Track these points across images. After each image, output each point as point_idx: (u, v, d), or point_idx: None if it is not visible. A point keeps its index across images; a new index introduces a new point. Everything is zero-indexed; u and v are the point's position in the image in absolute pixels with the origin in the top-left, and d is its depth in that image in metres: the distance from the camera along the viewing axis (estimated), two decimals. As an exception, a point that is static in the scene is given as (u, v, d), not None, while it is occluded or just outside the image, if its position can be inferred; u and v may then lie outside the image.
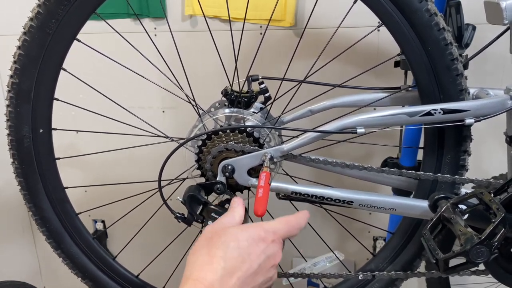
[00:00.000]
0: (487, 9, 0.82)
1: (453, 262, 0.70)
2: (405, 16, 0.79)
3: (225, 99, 0.94)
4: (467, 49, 1.08)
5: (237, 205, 0.73)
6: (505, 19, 0.78)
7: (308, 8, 1.35)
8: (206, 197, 0.86)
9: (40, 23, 0.84)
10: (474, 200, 0.73)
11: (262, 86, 0.94)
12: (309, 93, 0.98)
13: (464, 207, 0.74)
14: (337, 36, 0.98)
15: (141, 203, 1.02)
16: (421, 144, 1.00)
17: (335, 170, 0.90)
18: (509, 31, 0.85)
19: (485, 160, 1.39)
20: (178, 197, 0.85)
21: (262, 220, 0.73)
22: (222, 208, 0.85)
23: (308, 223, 1.12)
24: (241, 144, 0.88)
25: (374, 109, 0.86)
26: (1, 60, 1.03)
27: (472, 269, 0.82)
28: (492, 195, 0.71)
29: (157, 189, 0.88)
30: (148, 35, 1.04)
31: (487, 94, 0.87)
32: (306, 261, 1.12)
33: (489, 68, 1.30)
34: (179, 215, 0.85)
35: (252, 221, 0.77)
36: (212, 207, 0.84)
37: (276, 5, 1.28)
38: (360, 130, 0.80)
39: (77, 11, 0.84)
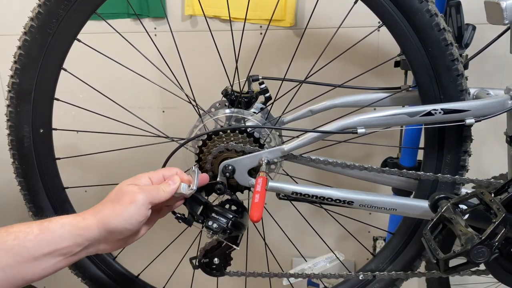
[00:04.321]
0: (487, 9, 0.82)
1: (453, 262, 0.70)
2: (405, 17, 0.79)
3: (225, 99, 0.94)
4: (467, 49, 1.08)
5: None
6: (505, 19, 0.78)
7: (308, 8, 1.35)
8: (206, 197, 0.86)
9: (41, 23, 0.84)
10: (474, 200, 0.73)
11: (263, 86, 0.94)
12: (310, 93, 0.98)
13: (464, 207, 0.74)
14: (338, 36, 0.98)
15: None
16: (421, 144, 1.00)
17: (335, 170, 0.90)
18: (509, 31, 0.85)
19: (485, 160, 1.39)
20: (179, 197, 0.85)
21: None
22: (223, 208, 0.85)
23: (308, 223, 1.13)
24: (242, 145, 0.88)
25: (374, 109, 0.86)
26: (1, 60, 1.03)
27: (473, 269, 0.82)
28: (492, 195, 0.71)
29: (158, 189, 0.88)
30: (149, 35, 1.04)
31: (488, 94, 0.87)
32: (306, 261, 1.12)
33: (489, 68, 1.30)
34: (179, 215, 0.85)
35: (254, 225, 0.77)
36: (213, 207, 0.83)
37: (276, 5, 1.28)
38: (361, 130, 0.80)
39: (78, 11, 0.84)
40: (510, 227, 0.67)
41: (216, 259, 0.91)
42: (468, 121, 0.79)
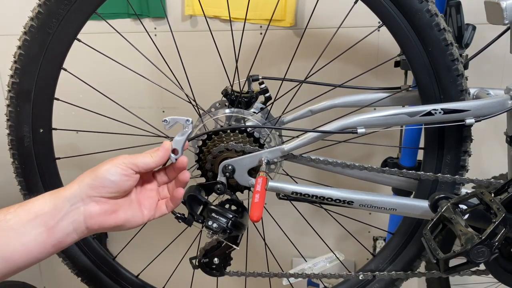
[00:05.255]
0: (487, 9, 0.82)
1: (453, 262, 0.70)
2: (405, 17, 0.79)
3: (225, 99, 0.94)
4: (467, 49, 1.08)
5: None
6: (505, 19, 0.78)
7: (308, 8, 1.35)
8: (206, 197, 0.86)
9: (41, 23, 0.84)
10: (474, 200, 0.73)
11: (263, 86, 0.94)
12: (310, 93, 0.98)
13: (464, 207, 0.74)
14: (338, 36, 0.98)
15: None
16: (421, 144, 1.00)
17: (335, 170, 0.90)
18: (509, 31, 0.85)
19: (485, 160, 1.40)
20: (178, 198, 0.85)
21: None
22: (223, 208, 0.85)
23: (308, 223, 1.13)
24: (242, 144, 0.88)
25: (374, 109, 0.86)
26: (1, 60, 1.03)
27: (473, 269, 0.82)
28: (492, 195, 0.71)
29: (158, 189, 0.87)
30: (149, 35, 1.04)
31: (487, 94, 0.87)
32: (306, 261, 1.12)
33: (489, 68, 1.30)
34: (179, 215, 0.85)
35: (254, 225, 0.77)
36: (213, 207, 0.83)
37: (276, 5, 1.28)
38: (361, 130, 0.80)
39: (78, 11, 0.84)
40: (510, 227, 0.67)
41: (216, 259, 0.91)
42: (468, 121, 0.79)
